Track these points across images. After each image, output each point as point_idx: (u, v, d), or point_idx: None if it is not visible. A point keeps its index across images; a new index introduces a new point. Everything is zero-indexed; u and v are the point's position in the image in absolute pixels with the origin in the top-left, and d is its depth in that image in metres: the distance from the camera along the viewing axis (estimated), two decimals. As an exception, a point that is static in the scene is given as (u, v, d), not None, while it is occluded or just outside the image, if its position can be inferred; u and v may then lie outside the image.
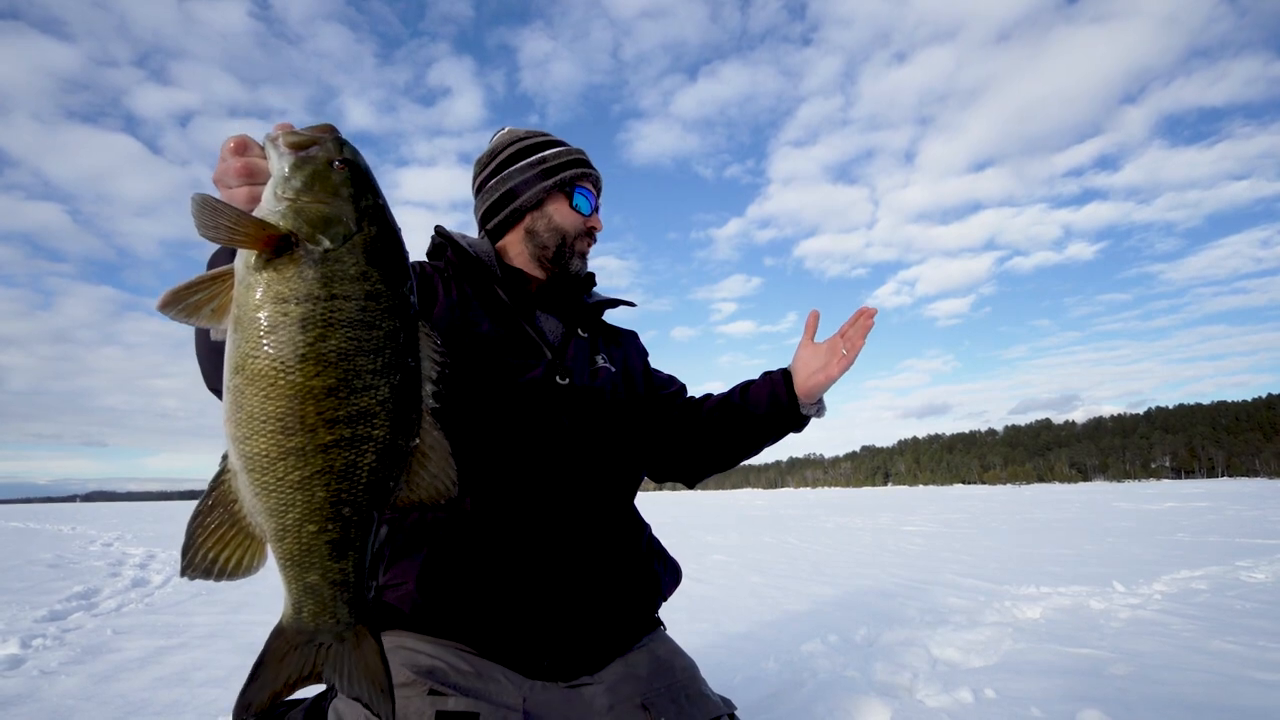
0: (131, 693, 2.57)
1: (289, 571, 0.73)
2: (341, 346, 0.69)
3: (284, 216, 0.69)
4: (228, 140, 0.78)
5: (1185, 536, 7.97)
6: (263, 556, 0.73)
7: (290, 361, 0.68)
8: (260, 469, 0.69)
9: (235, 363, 0.69)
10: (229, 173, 0.77)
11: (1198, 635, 2.95)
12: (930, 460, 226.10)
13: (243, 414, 0.69)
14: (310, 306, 0.68)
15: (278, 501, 0.70)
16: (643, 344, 1.60)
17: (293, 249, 0.69)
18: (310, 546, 0.71)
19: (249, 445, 0.69)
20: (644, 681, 1.24)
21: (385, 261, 0.73)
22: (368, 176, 0.76)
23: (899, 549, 7.42)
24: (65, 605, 4.49)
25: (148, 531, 13.54)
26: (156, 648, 3.31)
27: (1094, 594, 4.18)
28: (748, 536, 9.65)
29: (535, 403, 1.24)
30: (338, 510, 0.71)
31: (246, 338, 0.68)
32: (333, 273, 0.70)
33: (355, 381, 0.70)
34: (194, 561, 0.70)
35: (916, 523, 12.01)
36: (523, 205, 1.37)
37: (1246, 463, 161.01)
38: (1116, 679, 2.33)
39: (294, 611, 0.74)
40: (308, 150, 0.73)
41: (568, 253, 1.37)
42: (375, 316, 0.71)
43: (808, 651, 2.90)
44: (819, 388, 1.36)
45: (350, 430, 0.70)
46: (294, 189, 0.71)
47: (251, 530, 0.72)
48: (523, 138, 1.43)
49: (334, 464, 0.70)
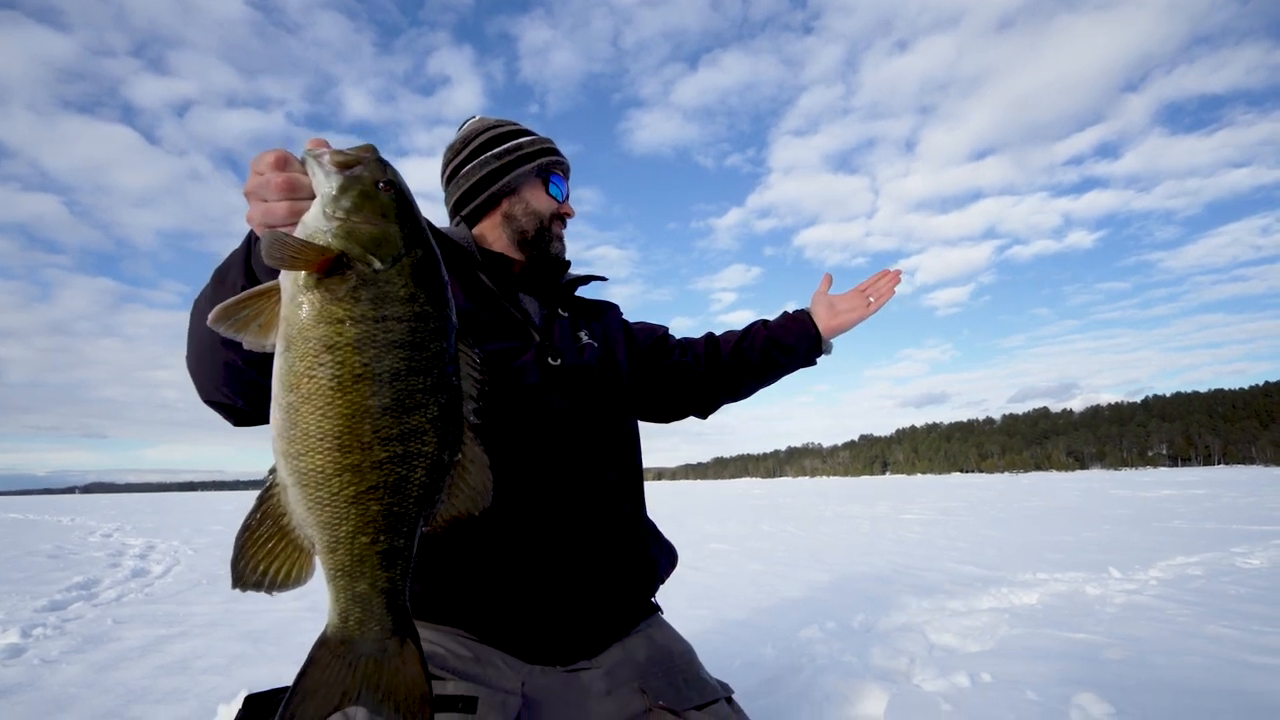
0: (132, 681, 2.59)
1: (339, 582, 0.74)
2: (395, 366, 0.71)
3: (336, 236, 0.70)
4: (264, 154, 0.77)
5: (1181, 524, 8.01)
6: (311, 568, 0.75)
7: (347, 381, 0.69)
8: (315, 484, 0.71)
9: (289, 381, 0.70)
10: (269, 187, 0.76)
11: (1193, 620, 2.97)
12: (928, 449, 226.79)
13: (297, 431, 0.70)
14: (365, 327, 0.70)
15: (332, 515, 0.71)
16: (620, 313, 1.63)
17: (344, 270, 0.70)
18: (362, 557, 0.73)
19: (304, 461, 0.70)
20: (642, 666, 1.24)
21: (431, 283, 0.75)
22: (411, 198, 0.77)
23: (897, 537, 7.45)
24: (65, 595, 4.50)
25: (147, 522, 13.57)
26: (157, 637, 3.32)
27: (1090, 580, 4.21)
28: (746, 525, 9.69)
29: (528, 385, 1.24)
30: (390, 522, 0.73)
31: (301, 356, 0.69)
32: (384, 294, 0.71)
33: (408, 400, 0.72)
34: (244, 575, 0.72)
35: (914, 511, 12.06)
36: (499, 190, 1.38)
37: (1243, 450, 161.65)
38: (1112, 663, 2.35)
39: (340, 621, 0.75)
40: (353, 170, 0.73)
41: (546, 236, 1.40)
42: (424, 337, 0.73)
43: (806, 637, 2.92)
44: (842, 327, 1.55)
45: (403, 447, 0.72)
46: (344, 209, 0.71)
47: (300, 543, 0.73)
48: (494, 126, 1.44)
49: (387, 479, 0.72)
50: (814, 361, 1.61)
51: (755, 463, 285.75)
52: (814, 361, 1.61)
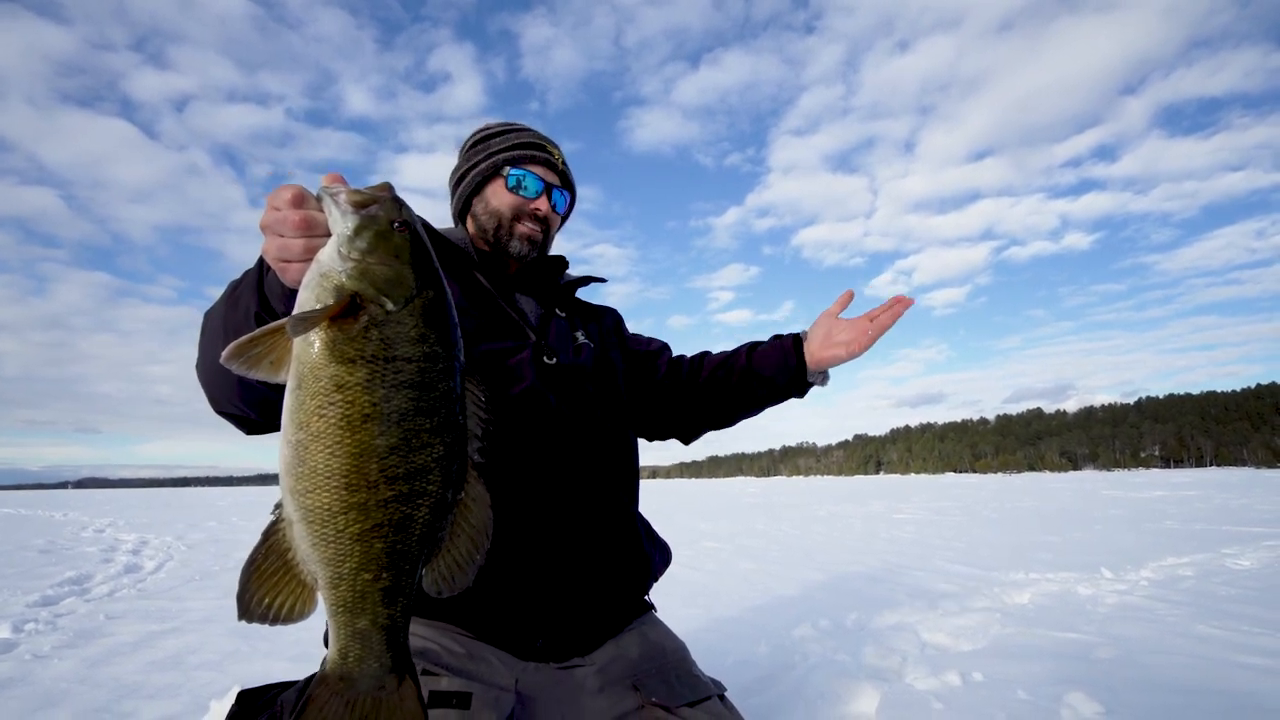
0: (124, 676, 2.58)
1: (340, 618, 0.75)
2: (404, 406, 0.72)
3: (350, 277, 0.71)
4: (282, 191, 0.78)
5: (1173, 524, 8.06)
6: (314, 603, 0.75)
7: (356, 420, 0.70)
8: (321, 521, 0.71)
9: (299, 419, 0.71)
10: (286, 224, 0.77)
11: (1183, 621, 2.99)
12: (923, 449, 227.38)
13: (305, 469, 0.71)
14: (375, 368, 0.71)
15: (336, 552, 0.72)
16: (620, 316, 1.63)
17: (357, 310, 0.71)
18: (364, 593, 0.74)
19: (310, 499, 0.71)
20: (635, 663, 1.25)
21: (441, 323, 0.76)
22: (424, 238, 0.77)
23: (890, 536, 7.48)
24: (57, 590, 4.49)
25: (140, 518, 13.51)
26: (149, 632, 3.31)
27: (1082, 580, 4.23)
28: (741, 524, 9.71)
29: (523, 384, 1.25)
30: (393, 560, 0.74)
31: (311, 395, 0.70)
32: (395, 334, 0.72)
33: (414, 440, 0.73)
34: (249, 607, 0.73)
35: (908, 511, 12.10)
36: (466, 190, 1.40)
37: (1235, 452, 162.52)
38: (1102, 663, 2.36)
39: (339, 657, 0.76)
40: (369, 209, 0.73)
41: (504, 235, 1.36)
42: (433, 377, 0.74)
43: (799, 636, 2.93)
44: (833, 360, 1.38)
45: (408, 486, 0.73)
46: (359, 249, 0.72)
47: (303, 577, 0.74)
48: (484, 128, 1.44)
49: (392, 517, 0.73)
50: (801, 393, 1.47)
51: (750, 462, 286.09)
52: (801, 393, 1.47)
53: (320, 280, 0.71)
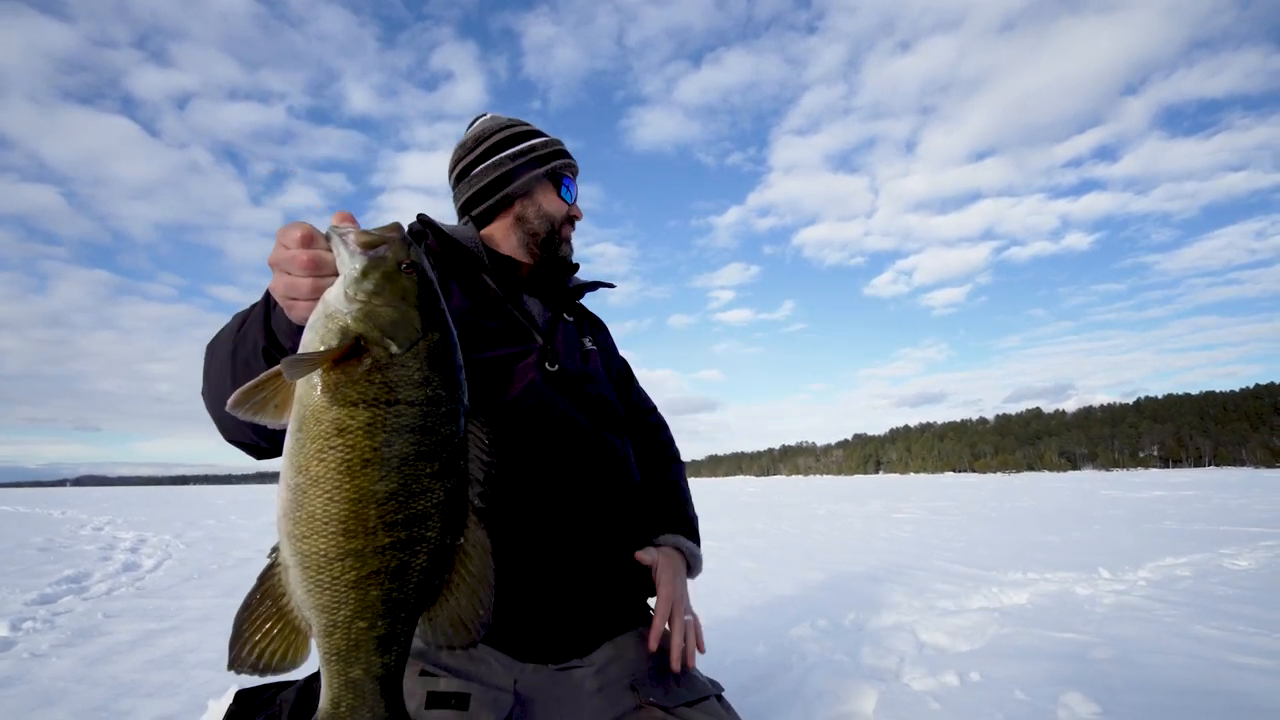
0: (122, 674, 2.58)
1: (333, 666, 0.73)
2: (404, 451, 0.70)
3: (355, 319, 0.69)
4: (292, 229, 0.77)
5: (1171, 524, 8.07)
6: (307, 651, 0.73)
7: (356, 465, 0.68)
8: (317, 567, 0.70)
9: (298, 463, 0.69)
10: (294, 263, 0.76)
11: (1180, 621, 3.00)
12: (922, 448, 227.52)
13: (303, 513, 0.69)
14: (377, 411, 0.69)
15: (331, 599, 0.70)
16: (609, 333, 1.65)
17: (361, 353, 0.69)
18: (358, 642, 0.72)
19: (307, 544, 0.69)
20: (633, 663, 1.25)
21: (445, 366, 0.74)
22: (432, 280, 0.76)
23: (889, 536, 7.48)
24: (55, 589, 4.48)
25: (139, 516, 13.51)
26: (147, 631, 3.31)
27: (1080, 580, 4.24)
28: (740, 523, 9.72)
29: (529, 388, 1.25)
30: (388, 608, 0.72)
31: (312, 438, 0.69)
32: (398, 378, 0.70)
33: (414, 485, 0.71)
34: (240, 656, 0.71)
35: (907, 510, 12.11)
36: (513, 192, 1.39)
37: (1233, 452, 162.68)
38: (1099, 663, 2.37)
39: (331, 707, 0.74)
40: (377, 250, 0.72)
41: (556, 238, 1.41)
42: (435, 421, 0.72)
43: (797, 635, 2.93)
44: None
45: (406, 532, 0.71)
46: (366, 291, 0.70)
47: (298, 624, 0.73)
48: (507, 125, 1.43)
49: (389, 564, 0.71)
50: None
51: (749, 461, 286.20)
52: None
53: (325, 321, 0.70)
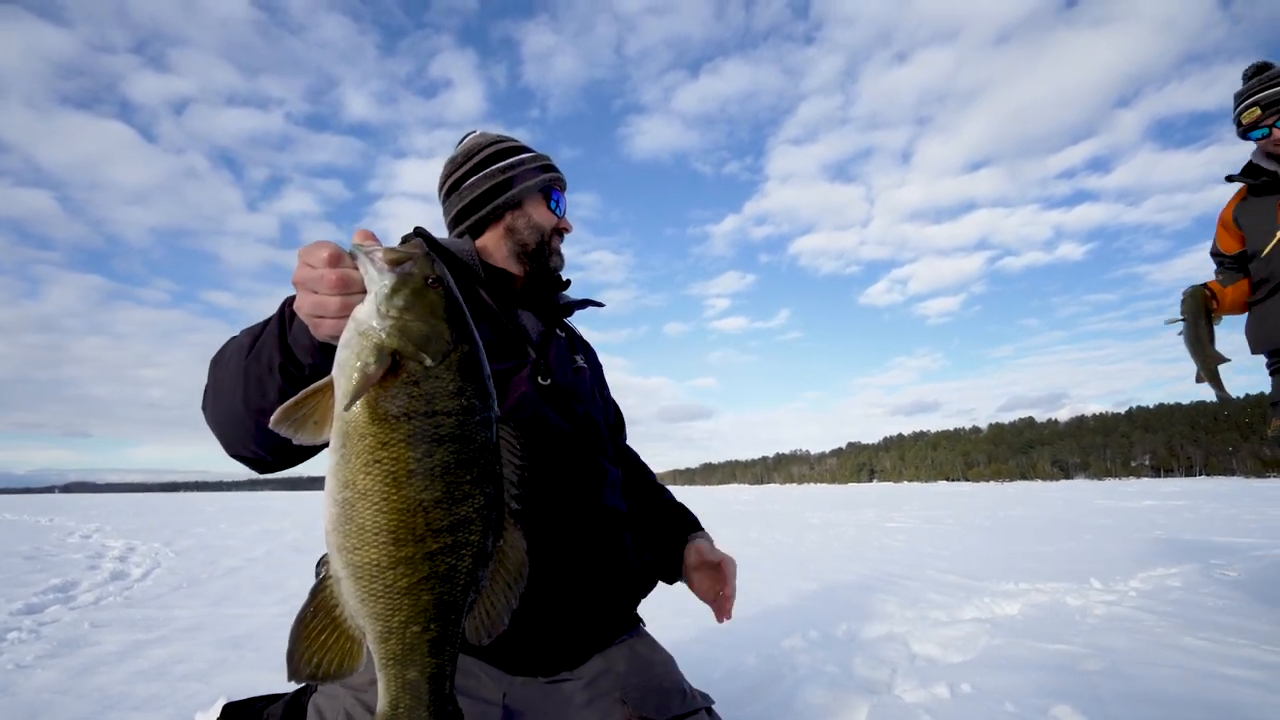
0: (109, 686, 2.55)
1: (390, 670, 0.76)
2: (446, 460, 0.73)
3: (389, 334, 0.72)
4: (317, 249, 0.79)
5: (1162, 534, 8.10)
6: (362, 657, 0.76)
7: (401, 476, 0.72)
8: (370, 577, 0.73)
9: (344, 477, 0.72)
10: (323, 283, 0.78)
11: (1170, 631, 3.01)
12: (915, 457, 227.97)
13: (353, 526, 0.72)
14: (418, 423, 0.72)
15: (386, 606, 0.73)
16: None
17: (397, 368, 0.72)
18: (413, 645, 0.75)
19: (359, 555, 0.73)
20: (622, 676, 1.25)
21: (476, 376, 0.77)
22: (457, 293, 0.79)
23: (882, 545, 7.49)
24: (42, 598, 4.43)
25: (127, 524, 13.39)
26: (135, 641, 3.28)
27: (1071, 590, 4.25)
28: (734, 532, 9.70)
29: (523, 402, 1.25)
30: (440, 611, 0.75)
31: (357, 453, 0.72)
32: (434, 390, 0.73)
33: (457, 492, 0.74)
34: (299, 667, 0.74)
35: (900, 519, 12.12)
36: (503, 204, 1.41)
37: (1224, 462, 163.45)
38: (1089, 674, 2.37)
39: (390, 709, 0.77)
40: (404, 266, 0.75)
41: (547, 250, 1.44)
42: (472, 429, 0.75)
43: (788, 646, 2.92)
44: (692, 588, 1.55)
45: (453, 538, 0.74)
46: (397, 307, 0.73)
47: (352, 633, 0.76)
48: (496, 141, 1.47)
49: (438, 569, 0.74)
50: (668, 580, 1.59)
51: (743, 469, 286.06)
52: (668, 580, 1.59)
53: (360, 339, 0.72)
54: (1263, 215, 2.63)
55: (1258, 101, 2.52)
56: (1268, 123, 2.51)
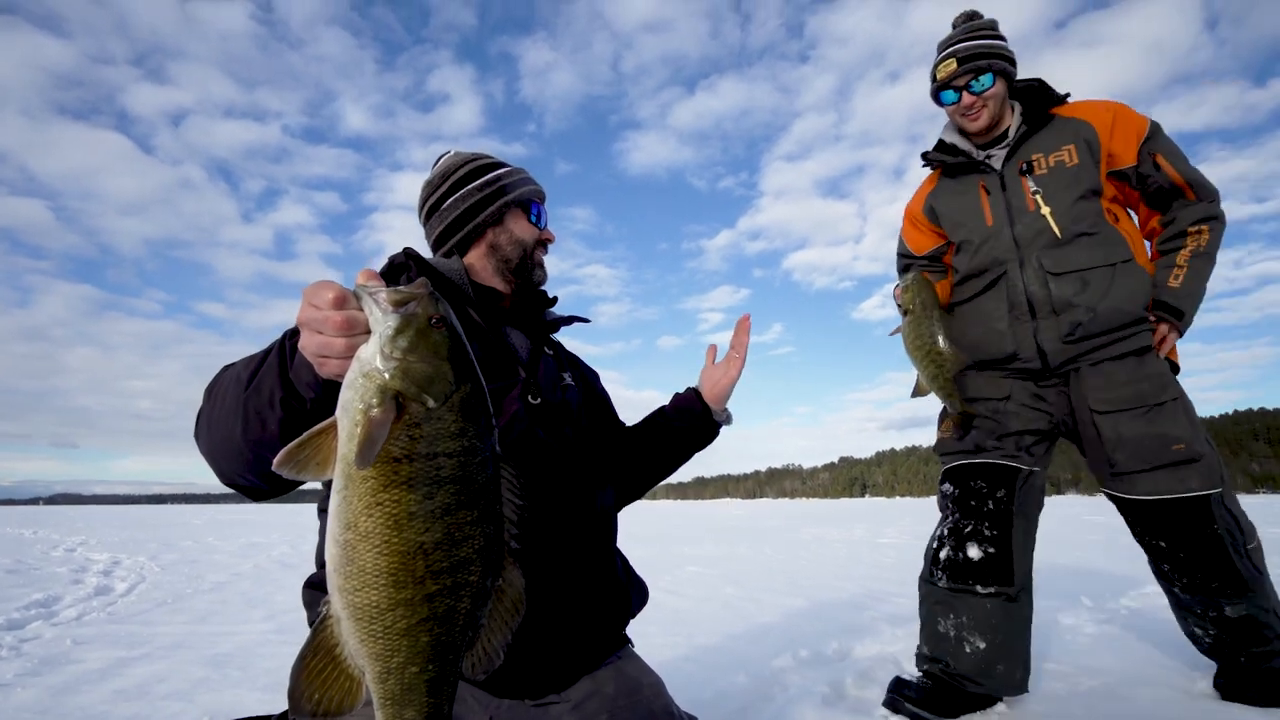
0: (90, 705, 2.51)
1: (388, 709, 0.76)
2: (446, 502, 0.74)
3: (393, 376, 0.72)
4: (322, 290, 0.79)
5: (1152, 552, 8.12)
6: (361, 695, 0.77)
7: (403, 518, 0.72)
8: (370, 618, 0.73)
9: (346, 519, 0.72)
10: (329, 324, 0.78)
11: (1162, 651, 3.01)
12: (907, 472, 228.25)
13: (354, 568, 0.72)
14: (420, 465, 0.72)
15: (385, 647, 0.74)
16: (599, 378, 1.68)
17: (400, 410, 0.72)
18: (411, 685, 0.76)
19: (359, 597, 0.73)
20: (610, 699, 1.24)
21: (477, 416, 0.77)
22: (460, 333, 0.79)
23: (873, 561, 7.48)
24: (23, 614, 4.37)
25: (113, 537, 13.22)
26: (117, 659, 3.23)
27: (1062, 609, 4.25)
28: (724, 547, 9.67)
29: (514, 420, 1.25)
30: (438, 652, 0.76)
31: (359, 495, 0.72)
32: (436, 431, 0.74)
33: (457, 534, 0.75)
34: (300, 705, 0.74)
35: (891, 535, 12.11)
36: (484, 221, 1.42)
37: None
38: (1081, 695, 2.37)
39: None
40: (408, 307, 0.75)
41: (529, 263, 1.45)
42: (473, 470, 0.76)
43: (779, 666, 2.91)
44: (724, 390, 1.55)
45: (452, 579, 0.75)
46: (401, 349, 0.73)
47: (352, 672, 0.76)
48: (471, 159, 1.47)
49: (438, 610, 0.75)
50: (713, 437, 1.60)
51: (735, 483, 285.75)
52: (713, 437, 1.60)
53: (364, 381, 0.73)
54: (967, 196, 2.28)
55: (956, 53, 2.17)
56: (959, 83, 2.17)
